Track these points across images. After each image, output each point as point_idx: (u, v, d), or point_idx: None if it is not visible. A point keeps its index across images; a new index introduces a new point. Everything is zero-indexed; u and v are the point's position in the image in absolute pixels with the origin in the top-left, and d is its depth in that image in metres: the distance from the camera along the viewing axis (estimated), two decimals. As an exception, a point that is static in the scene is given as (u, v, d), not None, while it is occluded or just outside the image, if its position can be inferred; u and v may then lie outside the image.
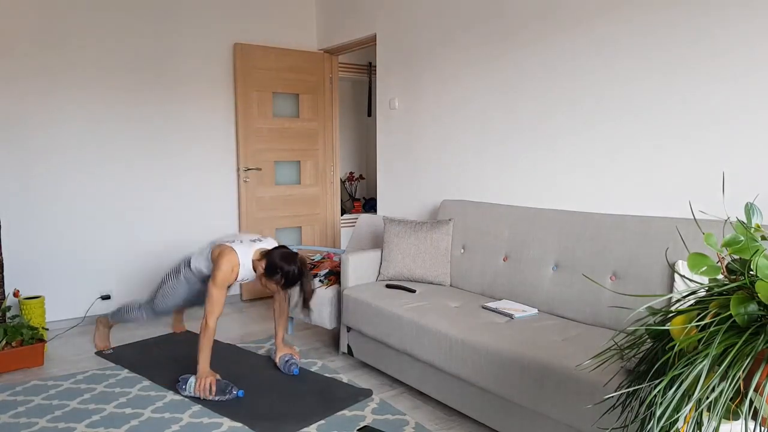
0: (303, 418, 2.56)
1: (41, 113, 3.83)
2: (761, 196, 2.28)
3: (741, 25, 2.30)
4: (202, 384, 2.71)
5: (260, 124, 4.67)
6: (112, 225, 4.13)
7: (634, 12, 2.66)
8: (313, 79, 4.91)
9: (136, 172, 4.21)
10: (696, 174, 2.49)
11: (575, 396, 1.99)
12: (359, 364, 3.29)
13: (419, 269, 3.29)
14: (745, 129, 2.32)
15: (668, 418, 1.13)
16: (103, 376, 3.09)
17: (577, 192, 2.99)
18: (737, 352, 1.09)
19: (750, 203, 1.25)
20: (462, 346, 2.44)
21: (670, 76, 2.55)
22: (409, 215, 4.14)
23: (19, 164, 3.78)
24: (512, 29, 3.25)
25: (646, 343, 1.34)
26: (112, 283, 4.17)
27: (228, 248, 2.81)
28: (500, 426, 2.36)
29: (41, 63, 3.80)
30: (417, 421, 2.57)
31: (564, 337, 2.35)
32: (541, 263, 2.84)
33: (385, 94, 4.31)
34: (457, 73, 3.65)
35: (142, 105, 4.19)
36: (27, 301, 3.54)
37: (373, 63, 5.96)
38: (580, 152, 2.95)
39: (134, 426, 2.52)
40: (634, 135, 2.70)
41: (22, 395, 2.84)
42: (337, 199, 5.18)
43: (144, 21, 4.15)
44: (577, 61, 2.93)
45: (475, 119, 3.54)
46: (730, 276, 1.22)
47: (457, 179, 3.71)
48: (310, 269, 3.70)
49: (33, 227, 3.86)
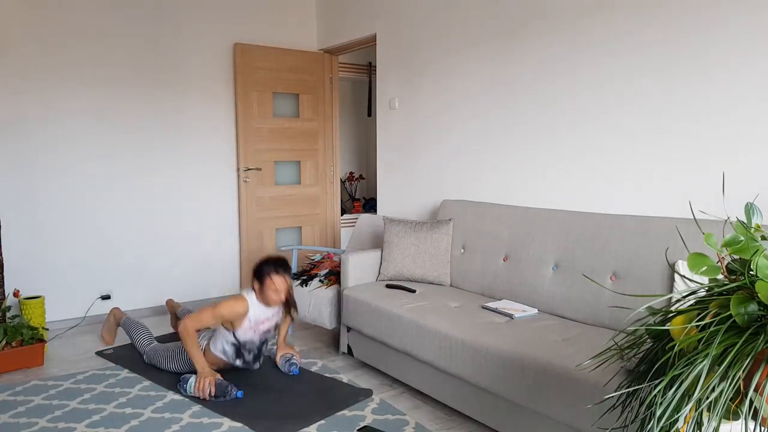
0: (303, 418, 2.56)
1: (41, 113, 3.83)
2: (761, 196, 2.28)
3: (741, 24, 2.30)
4: (201, 384, 2.72)
5: (260, 124, 4.67)
6: (112, 225, 4.13)
7: (634, 10, 2.66)
8: (313, 79, 4.91)
9: (135, 172, 4.20)
10: (696, 174, 2.49)
11: (575, 396, 1.99)
12: (359, 364, 3.29)
13: (419, 269, 3.29)
14: (745, 129, 2.32)
15: (668, 418, 1.13)
16: (103, 376, 3.09)
17: (577, 192, 2.99)
18: (737, 352, 1.09)
19: (750, 203, 1.25)
20: (462, 346, 2.44)
21: (671, 75, 2.55)
22: (409, 215, 4.14)
23: (19, 164, 3.78)
24: (512, 29, 3.25)
25: (646, 343, 1.34)
26: (112, 283, 4.17)
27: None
28: (500, 426, 2.36)
29: (41, 63, 3.80)
30: (417, 421, 2.57)
31: (564, 337, 2.35)
32: (541, 263, 2.84)
33: (385, 94, 4.31)
34: (456, 73, 3.65)
35: (142, 105, 4.19)
36: (27, 301, 3.54)
37: (373, 63, 5.96)
38: (581, 152, 2.95)
39: (134, 426, 2.52)
40: (635, 135, 2.70)
41: (22, 395, 2.84)
42: (337, 199, 5.18)
43: (144, 21, 4.15)
44: (577, 60, 2.93)
45: (476, 119, 3.54)
46: (730, 276, 1.22)
47: (457, 179, 3.71)
48: (310, 269, 3.70)
49: (33, 227, 3.86)
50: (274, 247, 4.75)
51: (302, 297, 3.48)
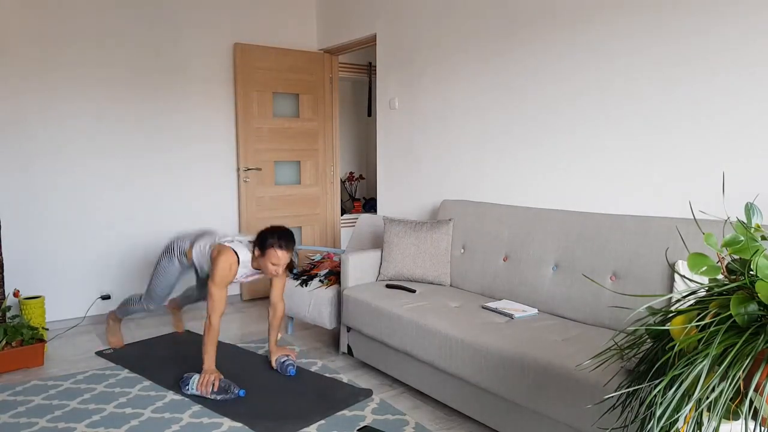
0: (303, 418, 2.56)
1: (41, 113, 3.83)
2: (761, 196, 2.28)
3: (742, 24, 2.30)
4: (206, 379, 2.72)
5: (260, 124, 4.67)
6: (112, 225, 4.13)
7: (634, 10, 2.66)
8: (313, 79, 4.91)
9: (136, 172, 4.21)
10: (696, 174, 2.49)
11: (575, 396, 1.99)
12: (359, 364, 3.29)
13: (419, 269, 3.29)
14: (746, 129, 2.32)
15: (668, 418, 1.13)
16: (103, 376, 3.09)
17: (577, 192, 2.99)
18: (737, 352, 1.09)
19: (750, 203, 1.25)
20: (462, 346, 2.44)
21: (671, 75, 2.55)
22: (409, 215, 4.14)
23: (19, 164, 3.78)
24: (512, 29, 3.25)
25: (646, 343, 1.34)
26: (112, 283, 4.17)
27: (226, 248, 2.87)
28: (500, 426, 2.36)
29: (41, 63, 3.80)
30: (417, 421, 2.57)
31: (564, 337, 2.35)
32: (541, 263, 2.84)
33: (385, 94, 4.31)
34: (457, 73, 3.65)
35: (142, 105, 4.19)
36: (27, 301, 3.54)
37: (373, 63, 5.96)
38: (581, 152, 2.95)
39: (134, 426, 2.52)
40: (635, 135, 2.70)
41: (22, 395, 2.84)
42: (337, 199, 5.18)
43: (144, 21, 4.15)
44: (578, 61, 2.93)
45: (476, 119, 3.54)
46: (730, 276, 1.22)
47: (457, 179, 3.71)
48: (310, 269, 3.70)
49: (33, 227, 3.86)
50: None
51: (302, 297, 3.48)
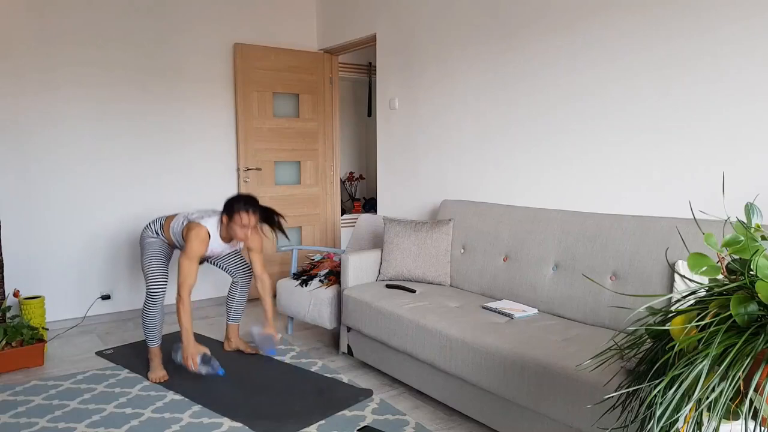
0: (303, 418, 2.56)
1: (41, 113, 3.83)
2: (761, 196, 2.28)
3: (741, 24, 2.30)
4: (186, 358, 2.89)
5: (260, 124, 4.67)
6: (112, 225, 4.13)
7: (634, 10, 2.66)
8: (313, 79, 4.91)
9: (136, 172, 4.21)
10: (696, 174, 2.49)
11: (575, 396, 1.99)
12: (359, 364, 3.29)
13: (419, 269, 3.29)
14: (746, 129, 2.32)
15: (668, 418, 1.13)
16: (103, 376, 3.09)
17: (577, 192, 2.99)
18: (737, 352, 1.09)
19: (750, 203, 1.25)
20: (462, 346, 2.44)
21: (671, 75, 2.55)
22: (409, 215, 4.14)
23: (18, 164, 3.78)
24: (512, 29, 3.25)
25: (646, 343, 1.34)
26: (112, 283, 4.17)
27: (196, 224, 3.00)
28: (500, 426, 2.36)
29: (40, 63, 3.80)
30: (417, 421, 2.57)
31: (564, 337, 2.35)
32: (541, 263, 2.84)
33: (385, 94, 4.31)
34: (456, 73, 3.65)
35: (142, 105, 4.19)
36: (27, 301, 3.54)
37: (373, 63, 5.96)
38: (580, 152, 2.95)
39: (134, 426, 2.52)
40: (634, 135, 2.70)
41: (23, 395, 2.84)
42: (337, 199, 5.18)
43: (144, 21, 4.15)
44: (577, 60, 2.93)
45: (475, 119, 3.54)
46: (730, 276, 1.22)
47: (457, 179, 3.71)
48: (310, 269, 3.70)
49: (33, 227, 3.86)
50: (274, 247, 4.75)
51: (302, 297, 3.48)
